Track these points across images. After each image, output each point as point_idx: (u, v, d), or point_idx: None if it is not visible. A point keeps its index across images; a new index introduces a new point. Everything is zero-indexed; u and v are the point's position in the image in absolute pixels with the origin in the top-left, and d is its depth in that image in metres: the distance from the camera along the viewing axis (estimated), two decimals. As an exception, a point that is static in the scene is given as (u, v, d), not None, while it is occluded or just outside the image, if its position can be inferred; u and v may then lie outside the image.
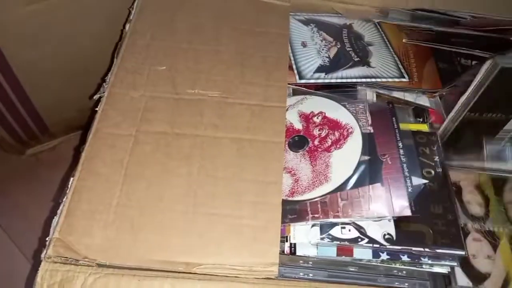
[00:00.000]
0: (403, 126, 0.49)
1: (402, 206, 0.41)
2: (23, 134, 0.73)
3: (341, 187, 0.42)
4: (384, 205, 0.41)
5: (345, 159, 0.44)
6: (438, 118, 0.51)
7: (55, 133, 0.79)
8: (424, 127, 0.50)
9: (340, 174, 0.43)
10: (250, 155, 0.43)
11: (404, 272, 0.42)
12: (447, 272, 0.42)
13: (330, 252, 0.41)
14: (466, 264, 0.42)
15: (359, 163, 0.43)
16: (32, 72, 0.64)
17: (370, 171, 0.43)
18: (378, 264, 0.42)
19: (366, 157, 0.44)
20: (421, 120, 0.52)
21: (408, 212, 0.40)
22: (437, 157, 0.47)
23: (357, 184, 0.42)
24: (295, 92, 0.52)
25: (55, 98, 0.69)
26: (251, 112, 0.46)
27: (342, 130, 0.46)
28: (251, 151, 0.43)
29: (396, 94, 0.52)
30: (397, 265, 0.42)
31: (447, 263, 0.41)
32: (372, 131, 0.46)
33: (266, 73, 0.49)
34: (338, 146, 0.45)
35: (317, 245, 0.41)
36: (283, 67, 0.50)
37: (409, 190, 0.42)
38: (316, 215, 0.41)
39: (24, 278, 0.66)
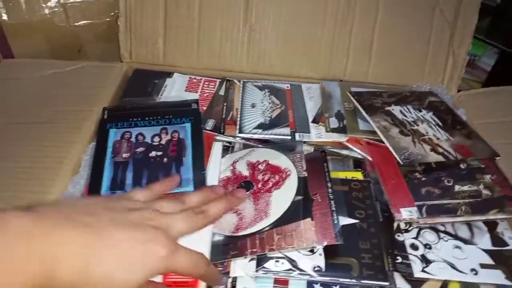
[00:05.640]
0: (341, 174, 0.56)
1: (327, 236, 0.45)
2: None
3: (278, 221, 0.47)
4: (313, 236, 0.45)
5: (283, 197, 0.49)
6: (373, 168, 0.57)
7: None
8: (359, 175, 0.56)
9: (278, 210, 0.48)
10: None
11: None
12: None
13: (268, 284, 0.44)
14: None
15: (294, 201, 0.49)
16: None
17: (302, 208, 0.48)
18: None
19: (300, 197, 0.49)
20: (360, 169, 0.58)
21: (333, 241, 0.45)
22: (368, 201, 0.52)
23: (291, 219, 0.47)
24: (245, 146, 0.59)
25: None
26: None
27: (281, 174, 0.53)
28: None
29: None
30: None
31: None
32: (306, 175, 0.52)
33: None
34: (277, 186, 0.51)
35: (255, 278, 0.45)
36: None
37: (335, 222, 0.47)
38: (254, 250, 0.45)
39: None
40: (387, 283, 0.44)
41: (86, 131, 0.58)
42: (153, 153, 0.54)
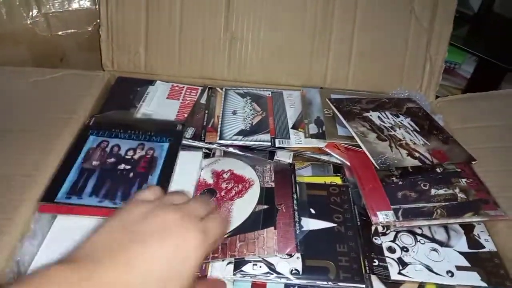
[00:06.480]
0: (320, 179, 0.56)
1: (289, 245, 0.46)
2: None
3: (237, 229, 0.47)
4: (274, 245, 0.46)
5: (244, 206, 0.50)
6: (351, 173, 0.57)
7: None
8: (338, 180, 0.57)
9: (238, 218, 0.49)
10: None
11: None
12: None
13: (245, 286, 0.45)
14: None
15: (256, 209, 0.50)
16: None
17: (266, 217, 0.49)
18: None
19: (265, 206, 0.50)
20: (339, 174, 0.58)
21: (294, 251, 0.46)
22: (346, 205, 0.53)
23: (252, 228, 0.48)
24: (225, 153, 0.60)
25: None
26: None
27: (245, 183, 0.54)
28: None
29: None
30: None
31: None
32: (273, 185, 0.53)
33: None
34: (240, 195, 0.52)
35: (233, 281, 0.45)
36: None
37: (297, 233, 0.47)
38: (215, 255, 0.45)
39: None
40: (363, 286, 0.44)
41: (65, 139, 0.58)
42: (121, 166, 0.54)
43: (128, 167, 0.54)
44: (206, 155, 0.60)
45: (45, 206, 0.49)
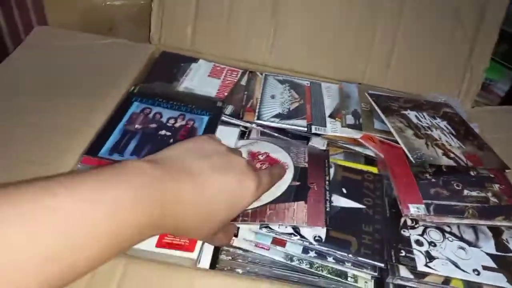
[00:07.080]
0: (357, 166, 0.58)
1: (318, 220, 0.47)
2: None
3: (270, 202, 0.48)
4: (302, 216, 0.47)
5: (278, 185, 0.50)
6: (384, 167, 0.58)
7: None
8: (374, 169, 0.58)
9: (272, 194, 0.49)
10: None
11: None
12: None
13: (266, 240, 0.47)
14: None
15: (288, 187, 0.51)
16: None
17: (298, 192, 0.50)
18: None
19: (297, 183, 0.51)
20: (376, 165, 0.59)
21: (322, 225, 0.47)
22: (379, 192, 0.54)
23: (284, 200, 0.49)
24: (262, 133, 0.61)
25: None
26: None
27: None
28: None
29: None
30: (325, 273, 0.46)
31: (369, 272, 0.46)
32: (307, 166, 0.54)
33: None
34: None
35: (256, 233, 0.47)
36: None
37: (327, 209, 0.49)
38: (245, 218, 0.46)
39: None
40: (382, 265, 0.45)
41: (110, 101, 0.60)
42: (162, 132, 0.56)
43: (168, 133, 0.56)
44: (242, 133, 0.61)
45: (88, 159, 0.51)
